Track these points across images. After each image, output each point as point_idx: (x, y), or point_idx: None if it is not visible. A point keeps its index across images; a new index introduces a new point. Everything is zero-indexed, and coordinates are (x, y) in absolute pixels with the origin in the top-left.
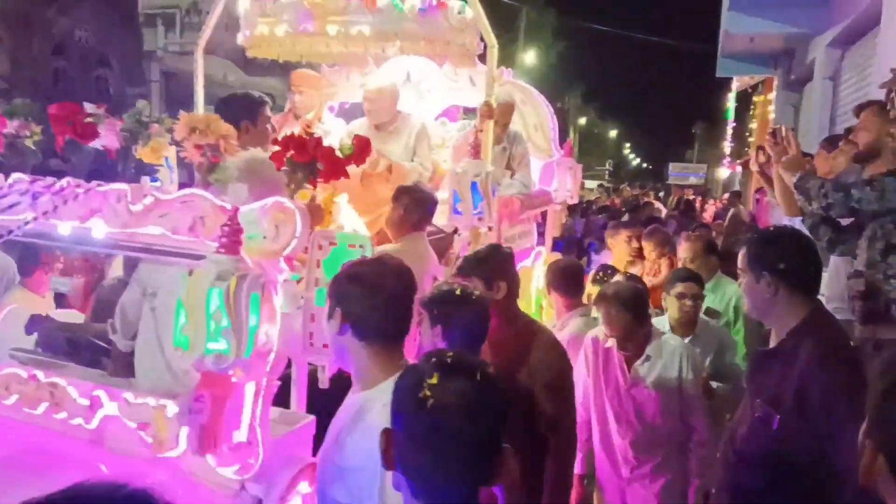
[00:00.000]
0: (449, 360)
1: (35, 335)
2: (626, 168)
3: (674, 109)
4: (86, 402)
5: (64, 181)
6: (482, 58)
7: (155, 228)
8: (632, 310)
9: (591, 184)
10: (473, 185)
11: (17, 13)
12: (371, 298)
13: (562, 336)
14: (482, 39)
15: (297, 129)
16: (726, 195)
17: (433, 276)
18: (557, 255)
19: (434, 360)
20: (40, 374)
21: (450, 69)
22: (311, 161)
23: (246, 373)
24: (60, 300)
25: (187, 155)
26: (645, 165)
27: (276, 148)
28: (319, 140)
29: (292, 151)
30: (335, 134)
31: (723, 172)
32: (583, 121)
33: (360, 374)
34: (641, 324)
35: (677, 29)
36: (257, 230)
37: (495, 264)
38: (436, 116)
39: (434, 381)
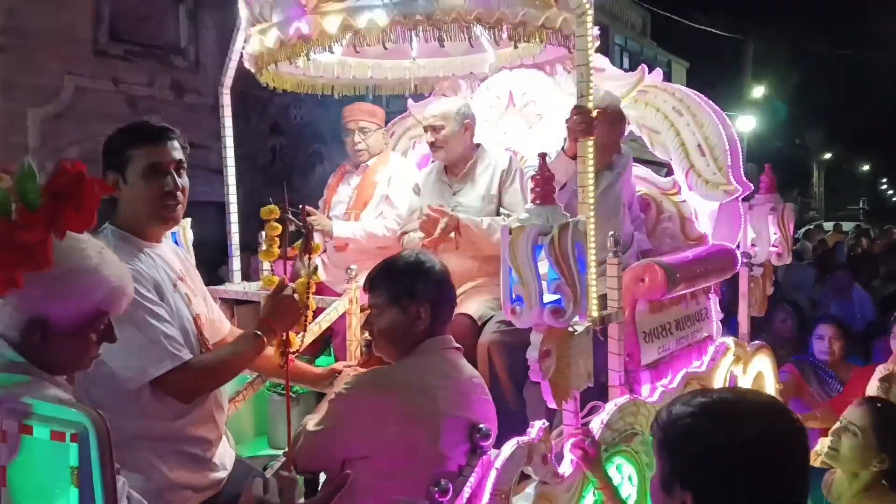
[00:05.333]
0: None
1: None
2: (884, 206)
3: None
4: None
5: None
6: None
7: None
8: None
9: (846, 225)
10: (537, 251)
11: (234, 92)
12: None
13: None
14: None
15: (354, 182)
16: None
17: (468, 421)
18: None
19: None
20: None
21: (569, 81)
22: None
23: None
24: None
25: None
26: None
27: None
28: None
29: None
30: (405, 185)
31: None
32: (828, 156)
33: None
34: None
35: None
36: None
37: None
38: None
39: None
